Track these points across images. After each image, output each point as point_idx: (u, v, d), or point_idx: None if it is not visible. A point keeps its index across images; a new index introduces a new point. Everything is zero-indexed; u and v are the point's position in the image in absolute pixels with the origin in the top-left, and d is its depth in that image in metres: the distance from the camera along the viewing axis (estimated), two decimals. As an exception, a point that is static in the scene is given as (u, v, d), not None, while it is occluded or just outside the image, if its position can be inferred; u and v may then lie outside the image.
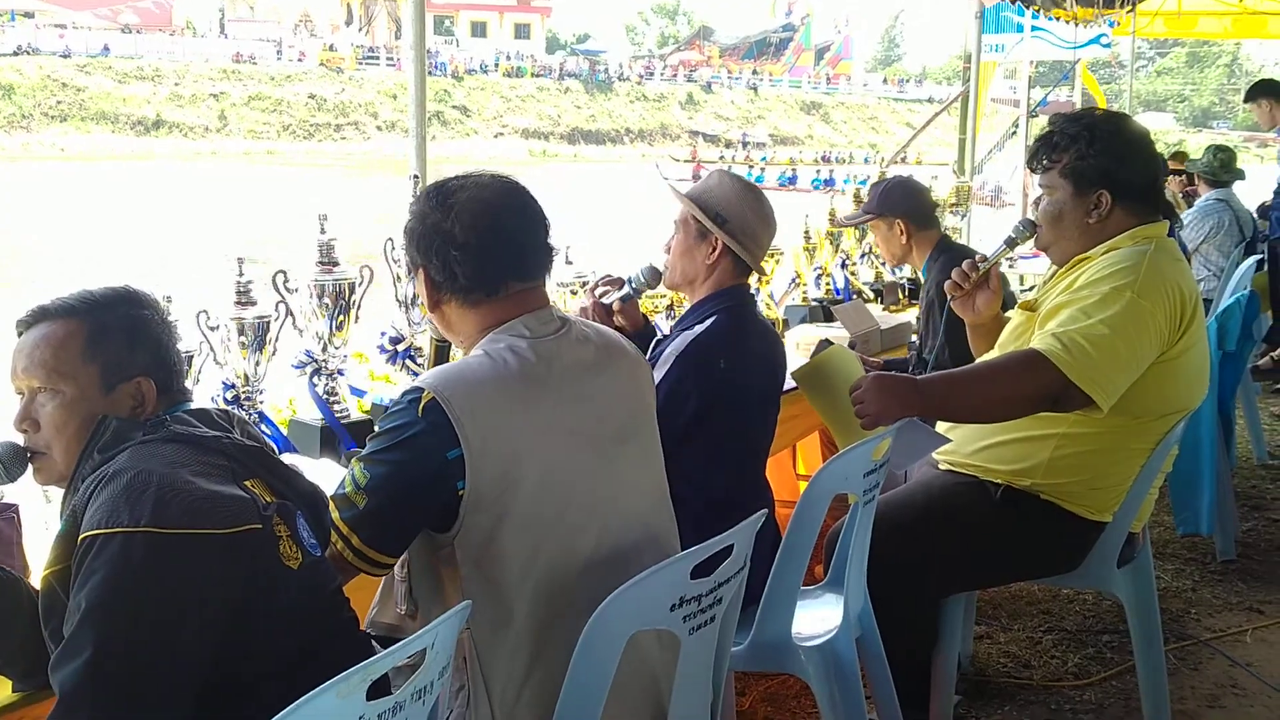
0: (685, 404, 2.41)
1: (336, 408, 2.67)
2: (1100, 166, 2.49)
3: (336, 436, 2.61)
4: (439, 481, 1.66)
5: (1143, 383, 2.38)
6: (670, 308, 3.73)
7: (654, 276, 2.73)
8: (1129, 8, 8.81)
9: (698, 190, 2.67)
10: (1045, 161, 2.56)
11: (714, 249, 2.60)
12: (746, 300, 2.69)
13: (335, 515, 1.71)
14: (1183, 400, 2.55)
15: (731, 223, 2.58)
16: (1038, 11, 7.45)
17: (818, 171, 37.61)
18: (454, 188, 1.84)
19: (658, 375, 2.39)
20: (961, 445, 2.61)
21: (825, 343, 3.78)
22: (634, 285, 2.74)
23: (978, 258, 2.72)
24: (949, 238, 3.85)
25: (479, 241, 1.80)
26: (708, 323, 2.55)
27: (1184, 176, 7.15)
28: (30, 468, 1.68)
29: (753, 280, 3.98)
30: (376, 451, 1.70)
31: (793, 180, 37.07)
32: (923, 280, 3.86)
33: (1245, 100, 7.44)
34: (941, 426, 2.63)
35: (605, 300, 2.73)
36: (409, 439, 1.68)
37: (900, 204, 3.75)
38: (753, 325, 2.66)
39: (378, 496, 1.69)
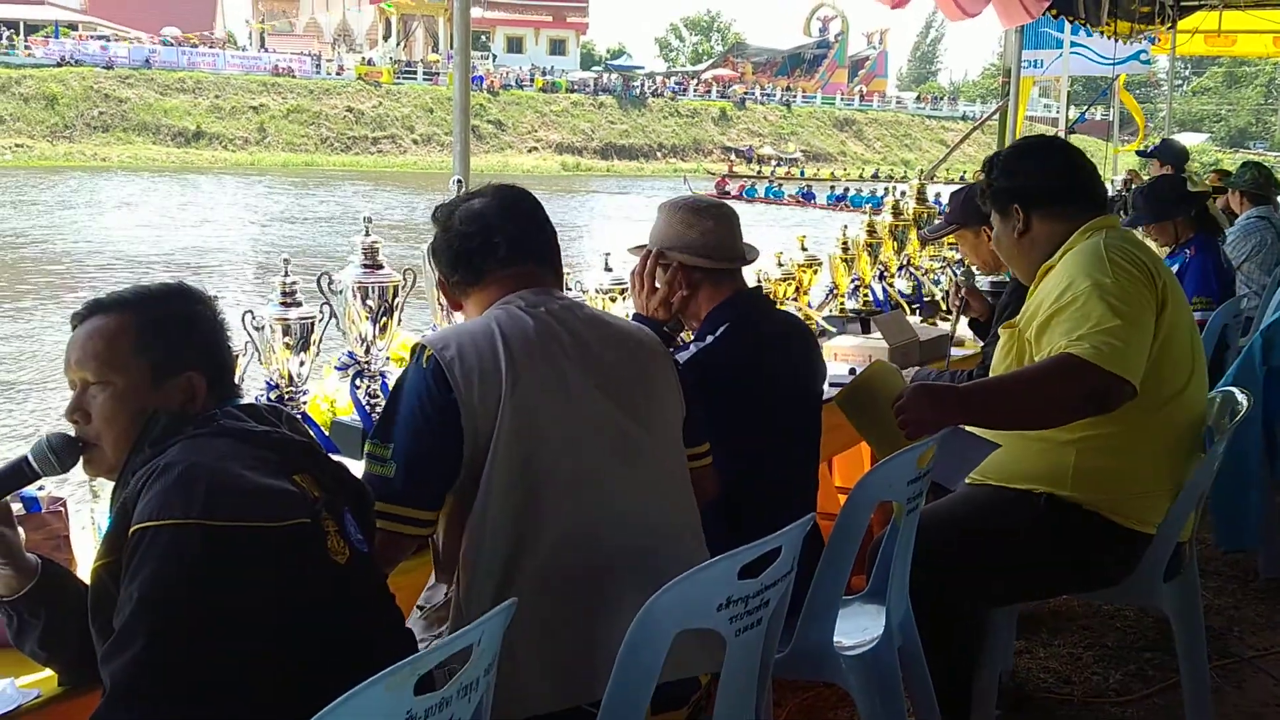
0: (699, 430, 2.17)
1: (378, 410, 2.67)
2: (1004, 186, 2.70)
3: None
4: (448, 420, 1.81)
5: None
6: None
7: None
8: (1169, 24, 8.75)
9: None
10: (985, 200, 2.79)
11: (678, 275, 2.54)
12: (753, 305, 2.60)
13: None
14: (1178, 380, 2.55)
15: (673, 244, 2.55)
16: (1077, 25, 7.40)
17: (831, 188, 37.60)
18: (455, 203, 2.10)
19: None
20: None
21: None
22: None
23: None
24: None
25: (462, 233, 2.03)
26: (709, 339, 2.49)
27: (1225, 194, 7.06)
28: (80, 459, 1.68)
29: (779, 289, 3.94)
30: (391, 407, 1.86)
31: (810, 196, 37.24)
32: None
33: None
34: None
35: None
36: (417, 388, 1.84)
37: (982, 213, 3.73)
38: (765, 328, 2.58)
39: (401, 447, 1.83)
